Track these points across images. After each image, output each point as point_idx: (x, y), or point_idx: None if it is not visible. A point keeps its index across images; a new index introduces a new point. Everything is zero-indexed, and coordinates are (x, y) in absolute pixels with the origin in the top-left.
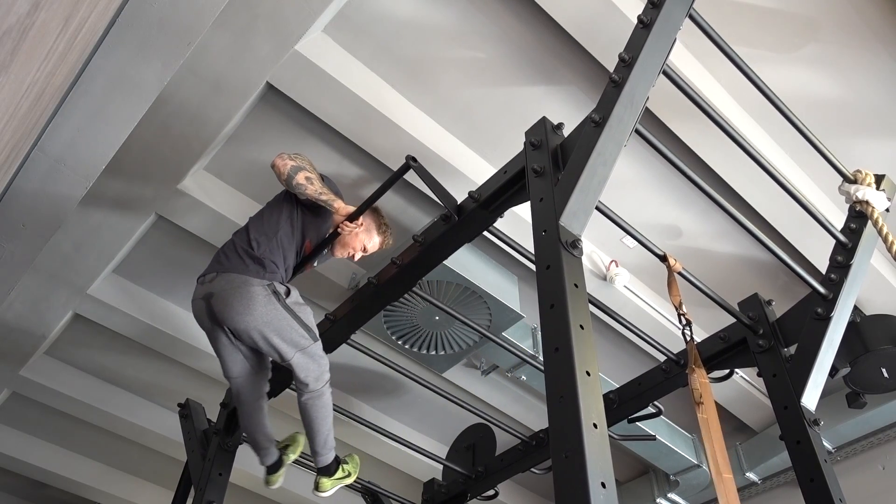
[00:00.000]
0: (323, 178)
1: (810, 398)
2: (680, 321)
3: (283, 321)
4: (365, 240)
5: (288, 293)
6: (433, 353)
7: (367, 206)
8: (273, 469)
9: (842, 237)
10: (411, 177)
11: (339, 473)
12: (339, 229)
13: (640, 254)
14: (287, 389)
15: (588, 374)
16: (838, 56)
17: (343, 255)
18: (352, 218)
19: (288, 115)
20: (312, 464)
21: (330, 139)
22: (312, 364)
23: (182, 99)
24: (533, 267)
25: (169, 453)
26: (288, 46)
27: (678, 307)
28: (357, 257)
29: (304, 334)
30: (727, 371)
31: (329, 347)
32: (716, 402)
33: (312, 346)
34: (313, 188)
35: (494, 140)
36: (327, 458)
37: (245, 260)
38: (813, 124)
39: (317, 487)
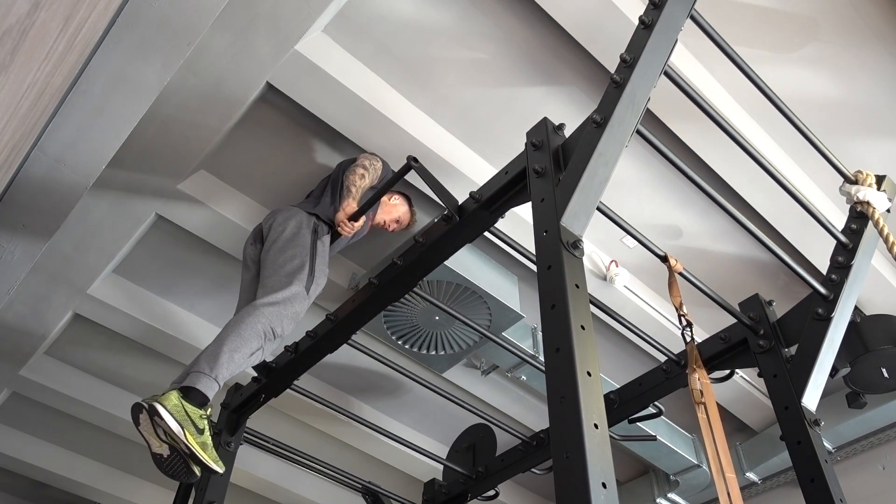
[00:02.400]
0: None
1: (811, 398)
2: (680, 322)
3: (301, 247)
4: (397, 214)
5: (326, 234)
6: (433, 353)
7: (369, 207)
8: None
9: (842, 238)
10: (411, 177)
11: (194, 413)
12: (338, 227)
13: (640, 254)
14: (288, 389)
15: (589, 374)
16: (838, 56)
17: (380, 222)
18: (353, 217)
19: (288, 115)
20: (314, 463)
21: (330, 139)
22: (282, 297)
23: (182, 99)
24: (533, 267)
25: None
26: (288, 46)
27: (679, 308)
28: (392, 229)
29: (306, 269)
30: (728, 371)
31: (330, 347)
32: (716, 402)
33: (297, 286)
34: (353, 179)
35: (495, 140)
36: (197, 375)
37: (302, 204)
38: (813, 124)
39: (161, 395)
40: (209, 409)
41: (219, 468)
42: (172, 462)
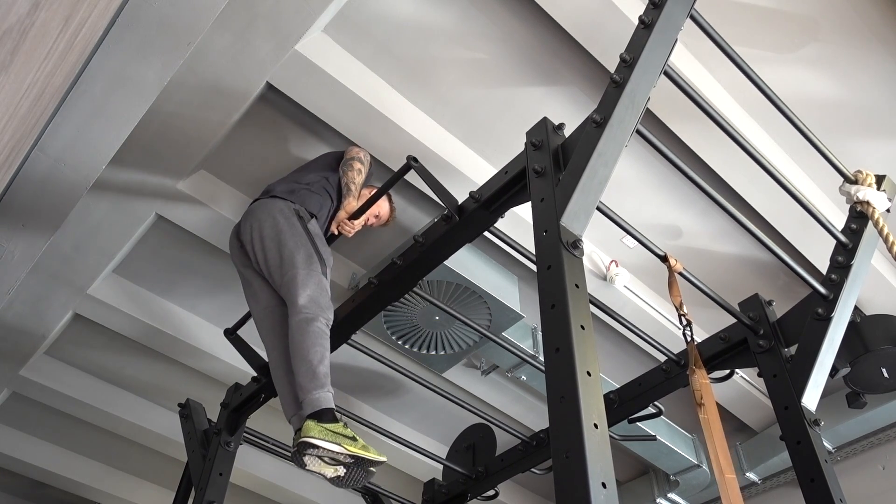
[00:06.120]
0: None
1: (811, 398)
2: (680, 321)
3: (297, 237)
4: (376, 209)
5: (311, 218)
6: (433, 353)
7: (368, 207)
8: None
9: (842, 237)
10: (411, 177)
11: (337, 428)
12: (338, 228)
13: (640, 254)
14: None
15: (589, 374)
16: (838, 56)
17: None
18: (353, 217)
19: (288, 115)
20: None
21: (330, 139)
22: (312, 287)
23: (182, 99)
24: (533, 267)
25: (169, 453)
26: (288, 46)
27: (679, 307)
28: (371, 223)
29: (314, 255)
30: (728, 371)
31: (330, 347)
32: (716, 403)
33: (318, 274)
34: (351, 175)
35: (494, 140)
36: (316, 398)
37: (275, 192)
38: (813, 124)
39: (297, 432)
40: (341, 423)
41: (383, 458)
42: (350, 475)
